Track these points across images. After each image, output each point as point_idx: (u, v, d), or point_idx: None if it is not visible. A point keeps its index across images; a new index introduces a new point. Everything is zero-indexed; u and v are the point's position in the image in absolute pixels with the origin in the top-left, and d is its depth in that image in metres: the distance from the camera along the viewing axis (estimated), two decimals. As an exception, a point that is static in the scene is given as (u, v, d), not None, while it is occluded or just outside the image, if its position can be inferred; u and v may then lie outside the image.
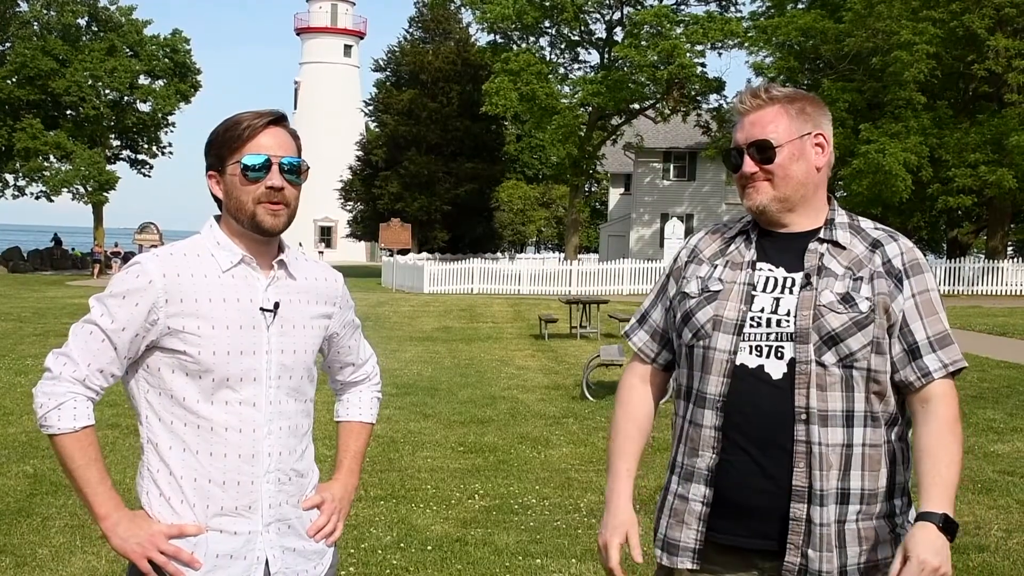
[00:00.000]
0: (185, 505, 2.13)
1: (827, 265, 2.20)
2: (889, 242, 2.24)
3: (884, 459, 2.18)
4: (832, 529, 2.13)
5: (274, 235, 2.19)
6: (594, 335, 17.68)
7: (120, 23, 44.10)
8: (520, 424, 9.37)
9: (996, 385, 11.70)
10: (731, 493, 2.18)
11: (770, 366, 2.16)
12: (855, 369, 2.13)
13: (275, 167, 2.14)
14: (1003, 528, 5.90)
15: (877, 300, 2.16)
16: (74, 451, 2.09)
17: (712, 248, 2.34)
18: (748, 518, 2.18)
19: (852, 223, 2.28)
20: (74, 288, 32.18)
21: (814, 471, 2.12)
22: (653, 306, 2.44)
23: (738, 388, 2.18)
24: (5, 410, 9.64)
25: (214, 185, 2.20)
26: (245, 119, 2.16)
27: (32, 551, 5.37)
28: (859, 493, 2.14)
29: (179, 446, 2.14)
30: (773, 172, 2.22)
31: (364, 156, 48.24)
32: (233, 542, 2.15)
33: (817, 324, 2.14)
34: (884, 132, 28.82)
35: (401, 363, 13.75)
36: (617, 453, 2.40)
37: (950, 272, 31.77)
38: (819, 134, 2.25)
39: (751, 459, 2.16)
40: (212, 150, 2.18)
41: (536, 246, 62.23)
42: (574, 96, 37.94)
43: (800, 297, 2.18)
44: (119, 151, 47.09)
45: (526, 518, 6.12)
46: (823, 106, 2.30)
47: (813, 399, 2.12)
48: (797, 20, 32.02)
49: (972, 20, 28.56)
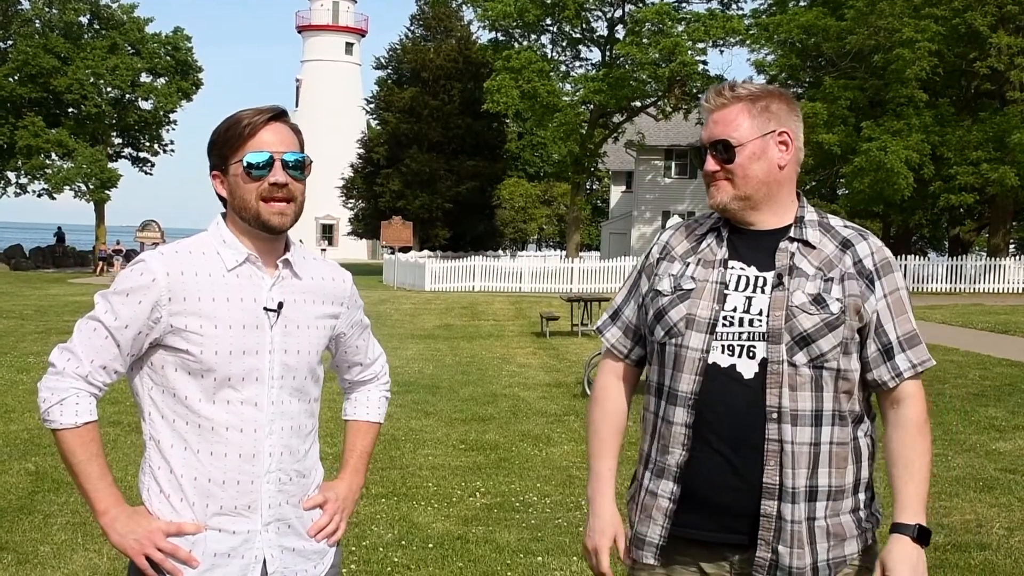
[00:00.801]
0: (184, 503, 2.13)
1: (798, 265, 2.21)
2: (859, 241, 2.25)
3: (851, 456, 2.21)
4: (802, 526, 2.15)
5: (280, 232, 2.18)
6: (595, 333, 17.66)
7: (122, 21, 44.09)
8: (521, 422, 9.37)
9: (998, 383, 11.69)
10: (701, 490, 2.20)
11: (742, 365, 2.18)
12: (825, 369, 2.16)
13: (278, 164, 2.13)
14: (1005, 526, 5.90)
15: (848, 302, 2.18)
16: (75, 446, 2.09)
17: (684, 245, 2.34)
18: (718, 514, 2.20)
19: (821, 221, 2.29)
20: (76, 285, 32.20)
21: (785, 469, 2.14)
22: (625, 302, 2.44)
23: (710, 387, 2.19)
24: (7, 407, 9.64)
25: (218, 185, 2.19)
26: (245, 117, 2.15)
27: (34, 548, 5.37)
28: (827, 490, 2.17)
29: (180, 444, 2.13)
30: (733, 171, 2.23)
31: (365, 154, 48.21)
32: (231, 541, 2.15)
33: (789, 325, 2.16)
34: (886, 130, 28.77)
35: (402, 361, 13.75)
36: (597, 454, 2.41)
37: (952, 270, 31.72)
38: (783, 132, 2.24)
39: (722, 457, 2.17)
40: (215, 150, 2.18)
41: (537, 244, 62.20)
42: (575, 94, 37.90)
43: (772, 297, 2.19)
44: (121, 149, 47.11)
45: (527, 516, 6.13)
46: (791, 102, 2.30)
47: (784, 398, 2.14)
48: (799, 18, 31.97)
49: (974, 17, 28.52)
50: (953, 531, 5.78)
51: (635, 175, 45.56)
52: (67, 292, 28.68)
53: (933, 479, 7.20)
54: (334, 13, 68.52)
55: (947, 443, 8.25)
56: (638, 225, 44.46)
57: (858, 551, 2.21)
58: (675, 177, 44.12)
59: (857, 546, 2.21)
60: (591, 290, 30.30)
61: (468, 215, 46.33)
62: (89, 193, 43.32)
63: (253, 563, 2.18)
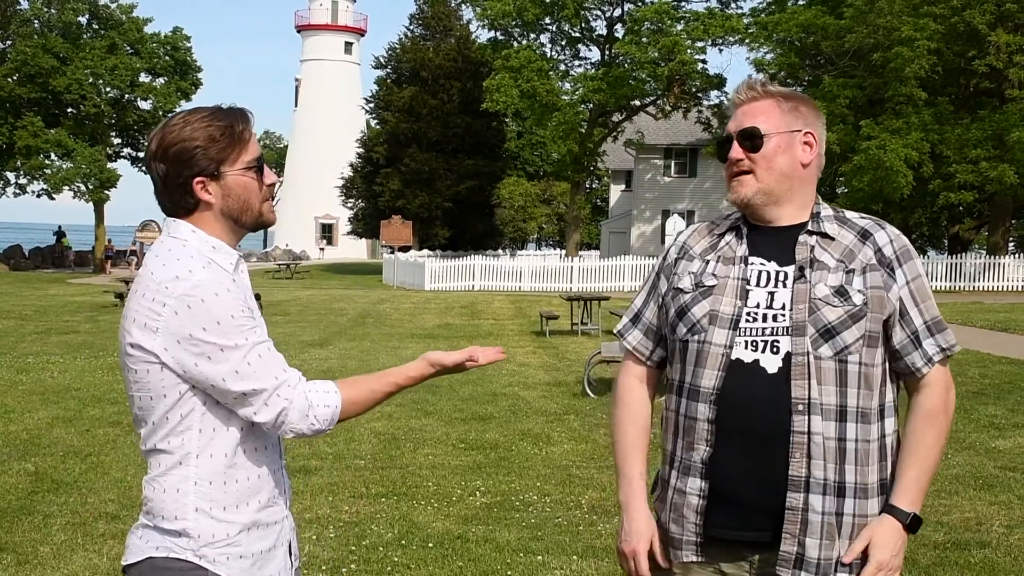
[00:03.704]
0: (241, 505, 2.12)
1: (819, 257, 2.22)
2: (877, 230, 2.26)
3: (875, 455, 2.20)
4: (832, 519, 2.15)
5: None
6: (595, 332, 17.68)
7: (121, 21, 44.04)
8: (521, 421, 9.37)
9: (998, 381, 11.70)
10: (726, 485, 2.20)
11: (765, 360, 2.18)
12: (849, 363, 2.16)
13: (265, 166, 2.20)
14: (1004, 524, 5.90)
15: (870, 293, 2.18)
16: (361, 395, 2.20)
17: (702, 244, 2.35)
18: (741, 509, 2.19)
19: (837, 215, 2.30)
20: (75, 286, 32.20)
21: (814, 460, 2.14)
22: (645, 304, 2.44)
23: (733, 382, 2.19)
24: (6, 408, 9.64)
25: (200, 190, 2.12)
26: (232, 119, 2.14)
27: (33, 549, 5.37)
28: (853, 487, 2.17)
29: (232, 447, 2.11)
30: (757, 162, 2.24)
31: (365, 153, 48.21)
32: (271, 533, 2.18)
33: (813, 317, 2.16)
34: (885, 128, 28.77)
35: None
36: (625, 457, 2.40)
37: (951, 268, 31.74)
38: (809, 132, 2.28)
39: (745, 451, 2.17)
40: (206, 152, 2.11)
41: (537, 243, 62.22)
42: (575, 93, 37.87)
43: (795, 290, 2.20)
44: (120, 149, 47.07)
45: (527, 515, 6.13)
46: (817, 109, 2.34)
47: (811, 390, 2.14)
48: (798, 16, 31.97)
49: (973, 16, 28.52)
50: (953, 529, 5.78)
51: (634, 174, 45.55)
52: (67, 292, 28.68)
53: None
54: (333, 12, 68.47)
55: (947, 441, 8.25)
56: (638, 224, 44.47)
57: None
58: (674, 176, 44.13)
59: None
60: (591, 289, 30.30)
61: (468, 214, 46.33)
62: (88, 193, 43.27)
63: (284, 550, 2.21)
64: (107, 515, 6.00)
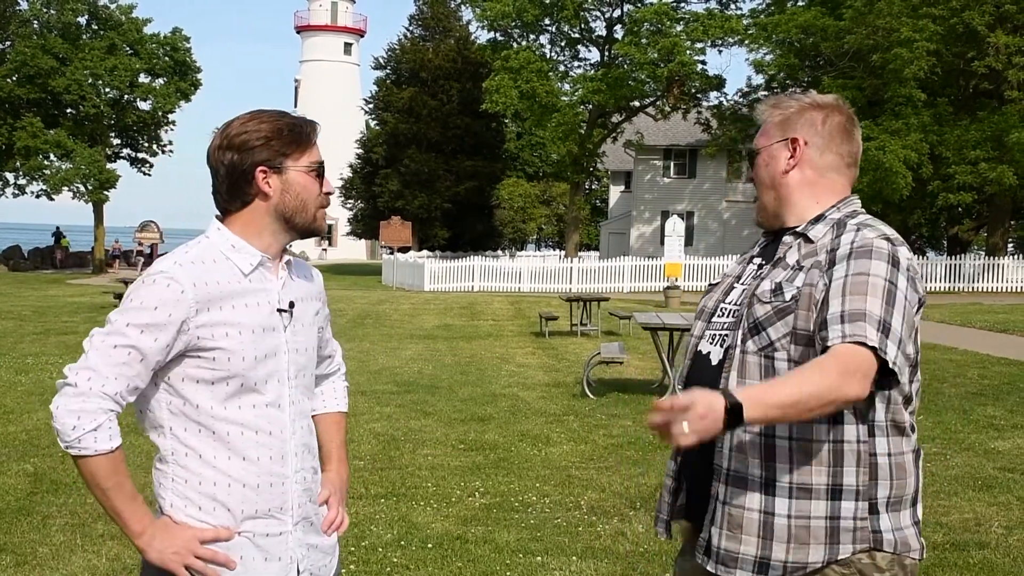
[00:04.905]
0: (215, 513, 2.12)
1: (785, 257, 2.24)
2: (851, 231, 2.17)
3: (826, 457, 2.11)
4: (755, 516, 2.15)
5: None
6: (595, 333, 17.68)
7: (120, 21, 44.01)
8: (521, 422, 9.37)
9: (996, 382, 11.70)
10: (684, 471, 2.35)
11: (714, 353, 2.28)
12: (776, 359, 2.15)
13: (325, 174, 2.22)
14: (1003, 525, 5.90)
15: (803, 290, 2.14)
16: (108, 471, 2.04)
17: (757, 247, 2.47)
18: (690, 494, 2.33)
19: (841, 220, 2.23)
20: (75, 287, 32.20)
21: (735, 454, 2.17)
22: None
23: (692, 371, 2.35)
24: (5, 408, 9.64)
25: (262, 180, 2.14)
26: (301, 122, 2.19)
27: (32, 549, 5.37)
28: (787, 487, 2.12)
29: (209, 452, 2.11)
30: (754, 179, 2.38)
31: (364, 154, 48.21)
32: (267, 544, 2.16)
33: (748, 312, 2.21)
34: (884, 129, 28.79)
35: (402, 361, 13.76)
36: None
37: (950, 269, 31.75)
38: (792, 139, 2.29)
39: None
40: (270, 144, 2.13)
41: (536, 244, 62.16)
42: (574, 94, 37.89)
43: (747, 286, 2.28)
44: (119, 149, 47.02)
45: (526, 516, 6.13)
46: (815, 110, 2.30)
47: (732, 383, 2.17)
48: (797, 17, 31.98)
49: (972, 17, 28.53)
50: (952, 530, 5.78)
51: (634, 175, 45.56)
52: (66, 293, 28.67)
53: (931, 478, 7.18)
54: (333, 13, 68.50)
55: (946, 442, 8.26)
56: (637, 225, 44.47)
57: (823, 560, 2.12)
58: (674, 177, 44.13)
59: (824, 555, 2.12)
60: (590, 290, 30.30)
61: (467, 215, 46.34)
62: (88, 194, 43.24)
63: (289, 564, 2.19)
64: (106, 516, 5.99)
